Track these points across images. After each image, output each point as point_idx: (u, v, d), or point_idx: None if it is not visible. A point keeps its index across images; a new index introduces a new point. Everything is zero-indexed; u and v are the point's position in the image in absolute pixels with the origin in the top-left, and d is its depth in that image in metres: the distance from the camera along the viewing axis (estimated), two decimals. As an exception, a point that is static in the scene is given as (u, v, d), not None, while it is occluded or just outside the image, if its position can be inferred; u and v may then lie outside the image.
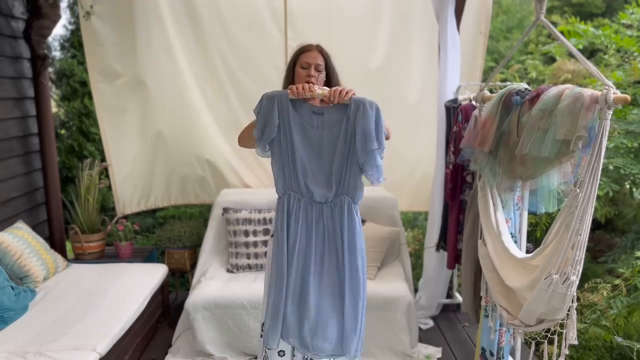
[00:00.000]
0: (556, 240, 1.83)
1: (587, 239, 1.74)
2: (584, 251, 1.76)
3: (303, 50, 2.18)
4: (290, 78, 2.19)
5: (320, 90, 1.96)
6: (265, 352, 2.21)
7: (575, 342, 1.86)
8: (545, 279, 1.80)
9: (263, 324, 2.21)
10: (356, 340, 2.06)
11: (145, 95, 3.87)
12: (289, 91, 1.98)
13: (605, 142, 1.68)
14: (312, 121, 2.00)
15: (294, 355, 2.21)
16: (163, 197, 4.20)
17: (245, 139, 2.14)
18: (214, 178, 4.16)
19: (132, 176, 4.04)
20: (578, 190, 1.74)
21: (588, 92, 1.73)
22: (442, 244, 3.43)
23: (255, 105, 2.05)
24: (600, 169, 1.70)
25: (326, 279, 2.06)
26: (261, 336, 2.26)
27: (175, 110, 3.95)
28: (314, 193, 2.02)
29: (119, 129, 3.92)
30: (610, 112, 1.67)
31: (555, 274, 1.77)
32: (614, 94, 1.65)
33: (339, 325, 2.05)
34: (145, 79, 3.81)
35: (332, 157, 2.00)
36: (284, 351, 2.20)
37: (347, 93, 1.95)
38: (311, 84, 2.00)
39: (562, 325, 1.90)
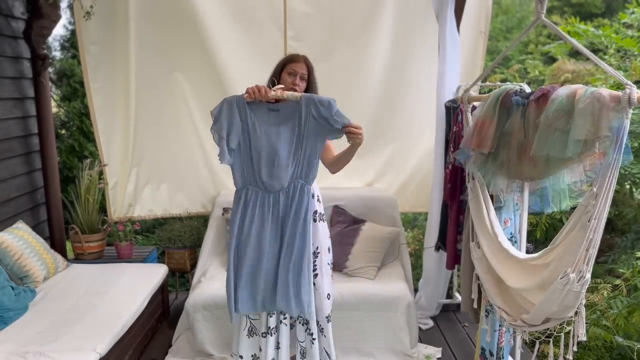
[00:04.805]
0: (569, 239, 1.83)
1: (600, 237, 1.75)
2: (597, 249, 1.77)
3: (292, 60, 2.41)
4: (276, 79, 2.41)
5: (273, 92, 2.17)
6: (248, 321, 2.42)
7: (585, 339, 1.87)
8: (561, 278, 1.79)
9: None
10: (307, 297, 2.24)
11: (139, 98, 3.78)
12: (245, 95, 2.17)
13: (624, 141, 1.68)
14: (270, 118, 2.21)
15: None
16: (150, 208, 4.04)
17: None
18: (207, 184, 4.07)
19: (122, 182, 3.93)
20: (595, 189, 1.74)
21: (606, 91, 1.72)
22: (439, 244, 3.43)
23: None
24: (619, 167, 1.70)
25: (284, 255, 2.24)
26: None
27: (169, 113, 3.87)
28: (272, 185, 2.22)
29: (112, 132, 3.83)
30: (631, 111, 1.67)
31: (572, 272, 1.77)
32: (637, 93, 1.65)
33: (291, 288, 2.23)
34: (139, 80, 3.74)
35: (289, 147, 2.21)
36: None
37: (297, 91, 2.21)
38: (267, 89, 2.18)
39: (568, 323, 1.91)
